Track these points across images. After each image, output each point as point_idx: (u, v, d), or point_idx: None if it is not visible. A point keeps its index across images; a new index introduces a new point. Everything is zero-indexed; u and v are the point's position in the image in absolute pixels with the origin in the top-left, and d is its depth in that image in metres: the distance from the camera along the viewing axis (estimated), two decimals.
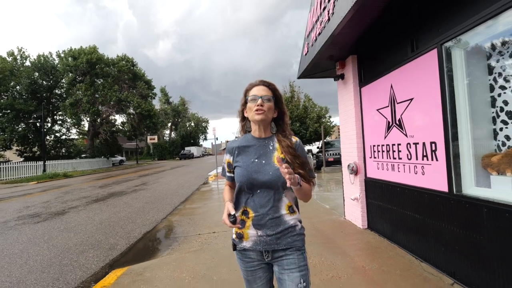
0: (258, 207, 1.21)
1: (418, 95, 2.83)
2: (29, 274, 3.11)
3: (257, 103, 1.22)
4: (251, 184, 1.21)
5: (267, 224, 1.19)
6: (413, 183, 2.94)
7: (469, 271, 2.27)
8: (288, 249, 1.20)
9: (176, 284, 2.67)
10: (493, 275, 2.05)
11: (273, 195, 1.20)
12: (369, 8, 2.90)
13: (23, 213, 6.32)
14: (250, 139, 1.32)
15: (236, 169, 1.29)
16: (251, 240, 1.21)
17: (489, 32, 2.17)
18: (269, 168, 1.22)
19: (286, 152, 1.23)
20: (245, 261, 1.26)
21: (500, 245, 1.99)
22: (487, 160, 2.27)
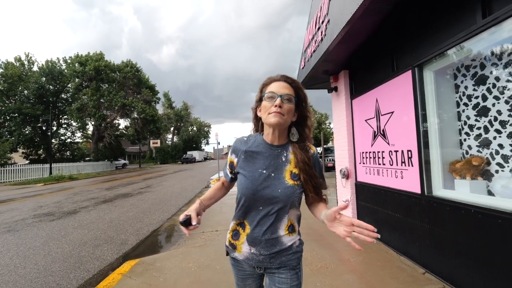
0: (256, 223, 1.09)
1: (397, 108, 3.24)
2: (52, 263, 3.50)
3: (275, 102, 1.04)
4: (254, 199, 1.08)
5: (262, 243, 1.08)
6: (394, 186, 3.33)
7: (437, 261, 2.64)
8: (281, 267, 1.11)
9: (184, 272, 3.04)
10: (455, 264, 2.42)
11: (275, 214, 1.07)
12: (355, 35, 3.34)
13: (38, 212, 6.73)
14: (261, 143, 1.15)
15: (239, 176, 1.14)
16: (243, 254, 1.13)
17: (454, 57, 2.58)
18: (279, 184, 1.07)
19: (301, 169, 1.08)
20: (237, 269, 1.20)
21: (459, 238, 2.37)
22: (452, 166, 2.66)
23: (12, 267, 3.41)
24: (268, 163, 1.10)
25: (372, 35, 3.43)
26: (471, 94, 2.57)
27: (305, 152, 1.10)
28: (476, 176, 2.45)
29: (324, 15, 3.99)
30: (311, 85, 5.76)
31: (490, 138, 2.38)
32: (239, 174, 1.15)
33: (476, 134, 2.52)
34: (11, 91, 24.23)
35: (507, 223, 1.93)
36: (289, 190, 1.06)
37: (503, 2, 1.96)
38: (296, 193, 1.07)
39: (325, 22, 3.95)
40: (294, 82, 1.11)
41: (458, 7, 2.34)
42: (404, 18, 3.01)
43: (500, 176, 2.26)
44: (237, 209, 1.15)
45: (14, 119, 24.58)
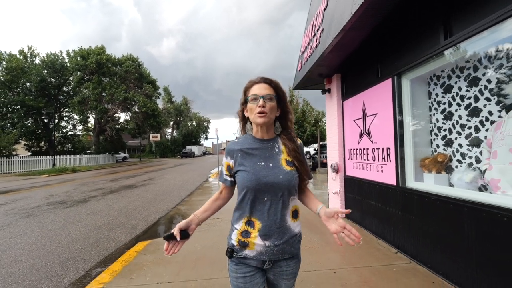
0: (266, 217, 1.13)
1: (380, 111, 3.68)
2: (74, 243, 3.97)
3: (259, 103, 1.14)
4: (259, 189, 1.13)
5: (274, 233, 1.13)
6: (376, 179, 3.79)
7: (407, 242, 3.11)
8: (289, 258, 1.18)
9: (190, 251, 3.51)
10: (420, 244, 2.89)
11: (280, 202, 1.14)
12: (345, 45, 3.77)
13: (51, 200, 7.20)
14: (252, 140, 1.23)
15: (240, 173, 1.18)
16: (256, 250, 1.14)
17: (428, 68, 2.99)
18: (279, 171, 1.14)
19: (293, 157, 1.18)
20: (243, 266, 1.18)
21: (422, 221, 2.84)
22: (422, 162, 3.12)
23: (40, 245, 3.88)
24: (264, 156, 1.18)
25: (360, 45, 3.85)
26: (440, 101, 3.01)
27: (293, 143, 1.22)
28: (441, 171, 2.91)
29: (319, 24, 4.40)
30: (308, 86, 6.19)
31: (452, 139, 2.84)
32: (239, 172, 1.18)
33: (443, 135, 2.97)
34: (13, 83, 24.49)
35: (460, 208, 2.39)
36: (289, 174, 1.14)
37: (460, 27, 2.39)
38: (295, 177, 1.16)
39: (319, 30, 4.36)
40: (272, 82, 1.20)
41: (427, 29, 2.77)
42: (386, 33, 3.43)
43: (458, 171, 2.72)
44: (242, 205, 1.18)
45: (17, 111, 24.90)
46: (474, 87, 2.56)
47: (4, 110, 24.99)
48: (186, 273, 2.85)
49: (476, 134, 2.57)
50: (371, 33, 3.51)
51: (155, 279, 2.73)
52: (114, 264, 3.15)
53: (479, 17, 2.17)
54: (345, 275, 2.68)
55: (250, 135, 1.25)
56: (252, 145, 1.21)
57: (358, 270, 2.79)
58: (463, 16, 2.36)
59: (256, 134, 1.23)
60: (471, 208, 2.24)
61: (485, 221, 2.11)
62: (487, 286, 2.10)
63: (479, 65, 2.50)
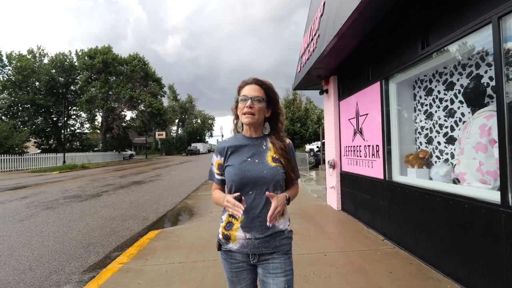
0: (248, 209, 1.16)
1: (371, 111, 4.00)
2: (92, 231, 4.39)
3: (246, 104, 1.18)
4: (243, 183, 1.17)
5: (256, 226, 1.16)
6: (367, 174, 4.12)
7: (392, 230, 3.45)
8: (275, 252, 1.19)
9: (198, 238, 3.89)
10: (403, 231, 3.23)
11: (264, 197, 1.16)
12: (339, 50, 4.09)
13: (66, 194, 7.68)
14: (242, 138, 1.28)
15: (227, 169, 1.23)
16: (238, 242, 1.19)
17: (410, 73, 3.30)
18: (263, 166, 1.19)
19: (280, 154, 1.22)
20: (230, 262, 1.23)
21: (405, 211, 3.17)
22: (407, 158, 3.44)
23: (62, 233, 4.31)
24: (251, 152, 1.23)
25: (354, 50, 4.17)
26: (423, 102, 3.32)
27: (281, 141, 1.25)
28: (422, 166, 3.23)
29: (316, 29, 4.72)
30: (307, 86, 6.52)
31: (433, 137, 3.15)
32: (226, 168, 1.23)
33: (425, 133, 3.29)
34: (23, 82, 25.19)
35: (434, 199, 2.72)
36: (273, 170, 1.18)
37: (434, 39, 2.70)
38: (279, 173, 1.19)
39: (316, 35, 4.68)
40: (264, 83, 1.23)
41: (408, 39, 3.08)
42: (376, 41, 3.74)
43: (435, 166, 3.05)
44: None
45: (27, 110, 25.63)
46: (450, 91, 2.88)
47: (15, 109, 25.76)
48: (194, 255, 3.23)
49: (451, 133, 2.89)
50: (363, 40, 3.83)
51: (167, 260, 3.12)
52: (130, 249, 3.55)
53: (449, 31, 2.48)
54: (335, 258, 3.04)
55: (240, 133, 1.31)
56: (241, 143, 1.26)
57: (347, 254, 3.14)
58: (436, 30, 2.67)
59: (246, 133, 1.28)
60: (442, 197, 2.57)
61: (452, 209, 2.44)
62: (453, 265, 2.43)
63: (454, 71, 2.82)
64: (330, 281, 2.51)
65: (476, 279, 2.20)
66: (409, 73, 3.26)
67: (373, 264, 2.84)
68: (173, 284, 2.57)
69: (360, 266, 2.81)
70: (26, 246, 3.74)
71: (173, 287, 2.52)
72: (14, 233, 4.30)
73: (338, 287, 2.42)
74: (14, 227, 4.63)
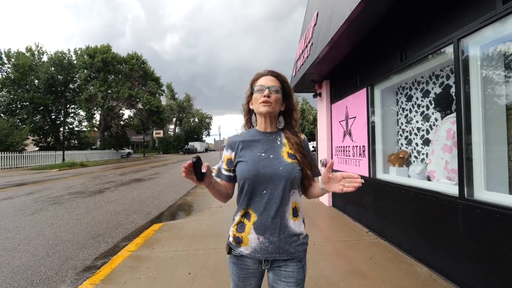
0: (262, 209, 1.11)
1: (358, 115, 4.36)
2: (99, 224, 4.71)
3: (264, 93, 1.15)
4: (257, 181, 1.11)
5: (270, 228, 1.10)
6: (355, 172, 4.47)
7: (375, 223, 3.81)
8: (289, 260, 1.12)
9: (199, 230, 4.23)
10: (384, 223, 3.59)
11: (279, 196, 1.10)
12: (330, 58, 4.43)
13: (70, 191, 7.97)
14: (255, 133, 1.23)
15: (239, 164, 1.17)
16: (251, 246, 1.12)
17: (392, 81, 3.66)
18: (279, 163, 1.13)
19: (295, 150, 1.16)
20: (240, 267, 1.17)
21: (386, 206, 3.53)
22: (389, 158, 3.80)
23: (72, 225, 4.62)
24: (265, 147, 1.17)
25: (345, 58, 4.52)
26: (404, 107, 3.69)
27: (297, 137, 1.21)
28: (402, 165, 3.59)
29: (310, 38, 5.06)
30: (302, 89, 6.86)
31: (412, 139, 3.52)
32: (238, 163, 1.18)
33: (405, 135, 3.65)
34: (22, 80, 25.27)
35: (408, 193, 3.08)
36: (290, 166, 1.12)
37: (410, 53, 3.05)
38: (296, 170, 1.13)
39: (310, 43, 5.03)
40: (280, 75, 1.21)
41: (390, 52, 3.44)
42: (363, 51, 4.09)
43: (413, 165, 3.41)
44: (241, 197, 1.17)
45: (25, 107, 25.73)
46: (426, 98, 3.24)
47: (13, 107, 25.84)
48: (196, 245, 3.57)
49: (427, 135, 3.25)
50: (352, 50, 4.18)
51: (172, 248, 3.46)
52: (137, 239, 3.88)
53: (422, 47, 2.84)
54: (322, 246, 3.39)
55: (253, 129, 1.26)
56: (254, 137, 1.21)
57: (333, 243, 3.50)
58: (412, 46, 3.02)
59: (259, 127, 1.24)
60: (415, 192, 2.94)
61: (423, 202, 2.80)
62: (423, 251, 2.80)
63: (429, 81, 3.18)
64: (316, 265, 2.86)
65: (440, 261, 2.57)
66: (392, 81, 3.62)
67: (356, 252, 3.20)
68: (178, 267, 2.91)
69: (345, 254, 3.17)
70: (41, 236, 4.06)
71: (178, 269, 2.85)
72: (28, 225, 4.61)
73: (323, 270, 2.77)
74: (26, 219, 4.94)
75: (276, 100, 1.17)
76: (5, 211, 5.64)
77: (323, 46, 4.06)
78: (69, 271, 2.96)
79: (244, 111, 1.31)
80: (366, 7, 2.92)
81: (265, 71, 1.23)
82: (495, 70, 2.21)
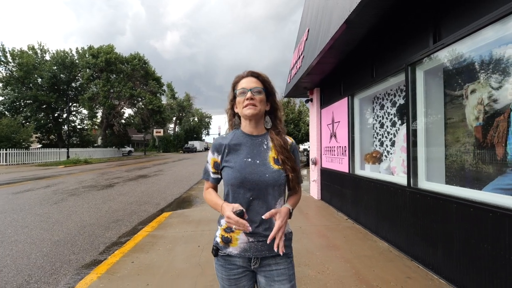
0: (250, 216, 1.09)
1: (341, 120, 5.07)
2: (116, 212, 5.40)
3: (247, 96, 1.12)
4: (243, 187, 1.10)
5: (259, 232, 1.10)
6: (338, 169, 5.19)
7: (353, 211, 4.52)
8: (278, 256, 1.12)
9: (204, 217, 4.92)
10: (359, 211, 4.31)
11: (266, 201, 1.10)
12: (319, 69, 5.14)
13: (83, 185, 8.66)
14: (241, 136, 1.20)
15: (225, 170, 1.15)
16: (240, 246, 1.11)
17: (370, 91, 4.35)
18: (265, 170, 1.11)
19: (279, 152, 1.14)
20: (228, 268, 1.14)
21: (361, 196, 4.25)
22: (365, 156, 4.52)
23: (92, 212, 5.32)
24: (251, 152, 1.15)
25: (331, 71, 5.23)
26: (378, 114, 4.39)
27: (282, 139, 1.17)
28: (375, 162, 4.31)
29: (302, 51, 5.77)
30: (296, 95, 7.58)
31: (383, 141, 4.23)
32: (224, 168, 1.16)
33: (378, 138, 4.37)
34: (26, 79, 25.86)
35: (376, 185, 3.79)
36: (276, 173, 1.11)
37: (378, 72, 3.76)
38: (282, 176, 1.12)
39: (302, 55, 5.74)
40: (260, 75, 1.18)
41: (364, 68, 4.15)
42: (346, 65, 4.80)
43: (383, 162, 4.13)
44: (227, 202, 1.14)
45: (29, 105, 26.33)
46: (394, 107, 3.95)
47: (17, 105, 26.44)
48: (202, 227, 4.27)
49: (394, 138, 3.96)
50: (338, 64, 4.89)
51: (182, 229, 4.16)
52: (151, 223, 4.57)
53: (386, 67, 3.55)
54: (306, 229, 4.10)
55: (239, 130, 1.23)
56: (240, 141, 1.19)
57: (316, 227, 4.21)
58: (380, 65, 3.74)
59: (245, 129, 1.21)
60: (381, 184, 3.65)
61: (385, 191, 3.51)
62: (384, 230, 3.51)
63: (396, 93, 3.89)
64: (300, 242, 3.57)
65: (395, 237, 3.28)
66: (367, 92, 4.33)
67: (334, 233, 3.92)
68: (189, 242, 3.61)
69: (324, 234, 3.88)
70: (69, 220, 4.75)
71: (189, 244, 3.56)
72: (55, 212, 5.30)
73: (305, 244, 3.48)
74: (52, 207, 5.63)
75: (260, 101, 1.15)
76: (31, 200, 6.33)
77: (312, 60, 4.77)
78: (100, 245, 3.66)
79: (229, 115, 1.29)
80: (343, 36, 3.63)
81: (244, 72, 1.21)
82: (434, 89, 2.92)
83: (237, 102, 1.19)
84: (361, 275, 2.65)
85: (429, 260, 2.69)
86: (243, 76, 1.19)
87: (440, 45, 2.57)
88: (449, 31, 2.49)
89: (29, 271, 2.87)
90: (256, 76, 1.18)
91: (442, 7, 2.58)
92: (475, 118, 2.48)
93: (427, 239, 2.73)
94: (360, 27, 3.49)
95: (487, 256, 2.07)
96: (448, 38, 2.47)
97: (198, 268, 2.85)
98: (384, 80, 3.70)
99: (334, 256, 3.09)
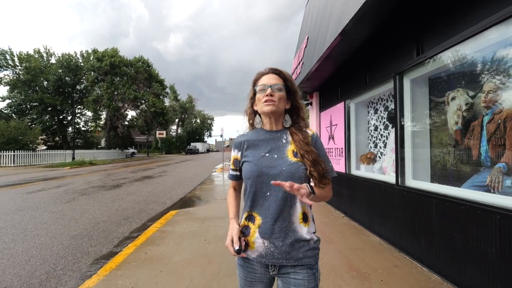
0: (267, 212, 1.07)
1: (338, 123, 5.37)
2: (125, 210, 5.71)
3: (266, 92, 1.10)
4: (260, 181, 1.08)
5: (275, 233, 1.05)
6: (336, 169, 5.47)
7: (349, 209, 4.80)
8: (298, 266, 1.06)
9: (208, 215, 5.22)
10: (354, 208, 4.59)
11: (284, 198, 1.06)
12: (318, 75, 5.44)
13: (92, 185, 9.00)
14: (260, 132, 1.20)
15: (244, 165, 1.15)
16: (257, 250, 1.08)
17: (364, 96, 4.64)
18: (283, 163, 1.08)
19: (298, 146, 1.10)
20: (247, 270, 1.14)
21: (356, 194, 4.53)
22: (360, 157, 4.80)
23: (103, 210, 5.63)
24: (270, 147, 1.13)
25: (329, 76, 5.53)
26: (372, 118, 4.69)
27: (302, 133, 1.14)
28: (369, 163, 4.59)
29: (301, 58, 6.08)
30: None
31: (377, 143, 4.51)
32: (243, 164, 1.16)
33: (373, 140, 4.65)
34: (33, 82, 26.40)
35: (368, 184, 4.07)
36: (294, 166, 1.07)
37: (371, 79, 4.05)
38: (301, 169, 1.07)
39: (301, 62, 6.05)
40: (281, 72, 1.16)
41: (358, 75, 4.45)
42: (341, 72, 5.10)
43: (376, 163, 4.41)
44: (245, 198, 1.16)
45: (36, 108, 26.85)
46: (386, 111, 4.24)
47: (24, 107, 26.97)
48: (207, 223, 4.58)
49: (386, 140, 4.25)
50: (335, 70, 5.19)
51: (189, 226, 4.46)
52: (160, 220, 4.88)
53: (378, 75, 3.85)
54: None
55: (259, 128, 1.22)
56: (259, 137, 1.18)
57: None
58: (372, 73, 4.04)
59: (265, 126, 1.20)
60: (373, 183, 3.94)
61: (378, 189, 3.80)
62: (377, 225, 3.79)
63: (388, 98, 4.18)
64: None
65: (386, 232, 3.56)
66: (362, 97, 4.62)
67: (330, 229, 4.20)
68: (196, 237, 3.92)
69: (321, 229, 4.16)
70: (83, 217, 5.07)
71: (196, 238, 3.86)
72: (69, 210, 5.63)
73: None
74: (65, 206, 5.96)
75: (279, 98, 1.12)
76: (44, 199, 6.68)
77: (311, 67, 5.08)
78: (114, 239, 3.97)
79: (248, 115, 1.27)
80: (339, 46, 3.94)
81: (266, 69, 1.19)
82: (420, 96, 3.21)
83: (257, 98, 1.17)
84: (353, 264, 2.93)
85: (413, 251, 2.97)
86: (264, 72, 1.18)
87: (423, 57, 2.87)
88: (430, 45, 2.79)
89: (54, 261, 3.19)
90: (278, 73, 1.17)
91: (423, 24, 2.88)
92: (455, 122, 2.78)
93: (412, 232, 3.01)
94: (354, 38, 3.80)
95: (459, 245, 2.36)
96: (429, 52, 2.76)
97: (205, 258, 3.15)
98: (376, 86, 4.00)
99: (329, 249, 3.38)
